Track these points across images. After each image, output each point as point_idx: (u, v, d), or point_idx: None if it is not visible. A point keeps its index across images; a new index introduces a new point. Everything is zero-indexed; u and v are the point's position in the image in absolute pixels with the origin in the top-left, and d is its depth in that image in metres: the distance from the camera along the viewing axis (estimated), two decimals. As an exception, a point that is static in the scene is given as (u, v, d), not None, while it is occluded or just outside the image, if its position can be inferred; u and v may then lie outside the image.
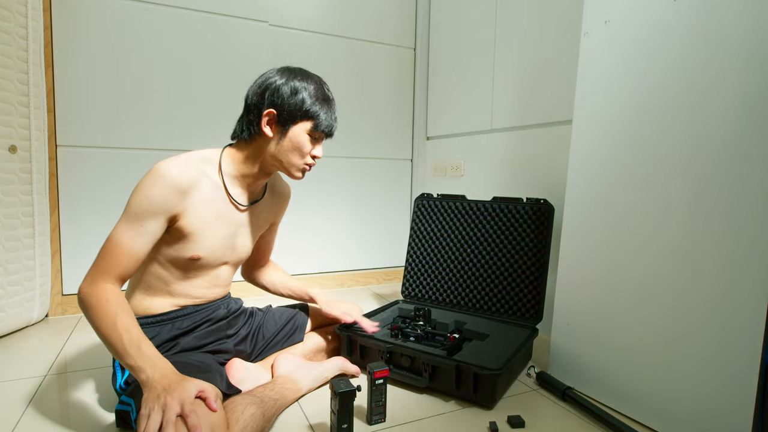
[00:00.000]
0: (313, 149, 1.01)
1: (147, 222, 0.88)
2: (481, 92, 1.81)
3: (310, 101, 0.97)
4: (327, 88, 1.03)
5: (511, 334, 1.27)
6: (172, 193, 0.89)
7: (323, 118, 0.99)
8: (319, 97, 0.99)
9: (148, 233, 0.88)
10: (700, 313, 0.88)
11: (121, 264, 0.87)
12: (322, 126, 0.99)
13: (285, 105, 0.96)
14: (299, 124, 0.98)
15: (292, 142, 0.98)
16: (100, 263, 0.86)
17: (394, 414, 1.01)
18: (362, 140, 2.16)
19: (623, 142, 1.03)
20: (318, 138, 1.01)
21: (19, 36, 1.42)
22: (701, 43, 0.88)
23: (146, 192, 0.87)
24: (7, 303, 1.41)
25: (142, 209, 0.87)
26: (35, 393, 1.08)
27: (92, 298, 0.83)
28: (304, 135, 0.98)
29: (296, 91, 0.97)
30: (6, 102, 1.38)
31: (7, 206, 1.40)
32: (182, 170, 0.90)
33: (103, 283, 0.85)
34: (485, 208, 1.48)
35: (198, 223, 0.95)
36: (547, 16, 1.49)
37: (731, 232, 0.83)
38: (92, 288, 0.84)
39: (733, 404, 0.83)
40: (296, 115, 0.97)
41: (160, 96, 1.72)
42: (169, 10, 1.71)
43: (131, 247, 0.87)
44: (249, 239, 1.10)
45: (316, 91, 0.99)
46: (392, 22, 2.18)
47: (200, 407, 0.74)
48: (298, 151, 0.99)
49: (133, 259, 0.88)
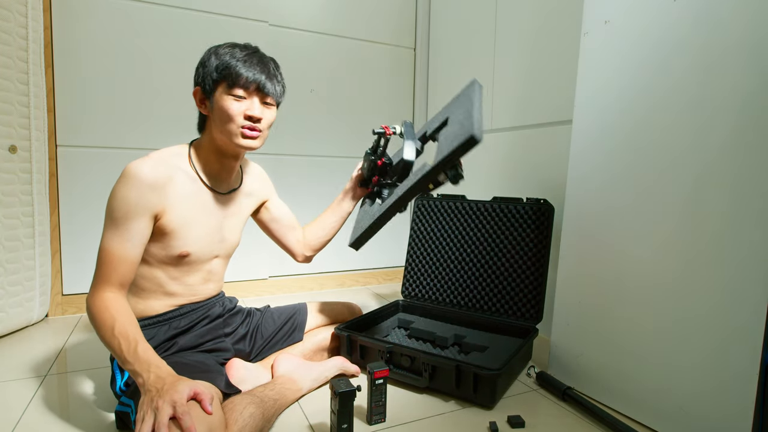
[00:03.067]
0: (245, 110, 0.94)
1: (131, 225, 0.87)
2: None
3: (217, 62, 0.94)
4: (252, 49, 0.97)
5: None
6: (148, 192, 0.88)
7: (237, 72, 0.92)
8: (234, 56, 0.93)
9: (136, 236, 0.88)
10: (700, 313, 0.88)
11: (117, 271, 0.87)
12: (239, 82, 0.92)
13: (202, 77, 0.95)
14: (218, 90, 0.94)
15: (219, 110, 0.94)
16: (97, 274, 0.87)
17: (394, 414, 1.01)
18: (362, 140, 2.16)
19: (623, 141, 1.03)
20: (241, 95, 0.93)
21: (19, 36, 1.42)
22: (701, 42, 0.88)
23: (122, 195, 0.86)
24: (7, 303, 1.41)
25: (122, 213, 0.86)
26: (35, 393, 1.08)
27: (93, 308, 0.85)
28: (223, 97, 0.93)
29: (206, 59, 0.96)
30: (6, 102, 1.38)
31: (7, 206, 1.40)
32: (154, 167, 0.89)
33: (103, 292, 0.86)
34: (485, 208, 1.48)
35: (180, 218, 0.94)
36: (547, 16, 1.49)
37: (731, 231, 0.83)
38: (93, 299, 0.85)
39: (733, 404, 0.82)
40: (211, 80, 0.94)
41: (160, 96, 1.72)
42: (169, 10, 1.71)
43: (123, 253, 0.87)
44: (236, 229, 1.10)
45: (226, 51, 0.94)
46: (392, 22, 2.18)
47: (195, 408, 0.73)
48: (226, 116, 0.93)
49: (127, 264, 0.88)
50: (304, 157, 2.04)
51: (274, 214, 1.22)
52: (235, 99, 0.94)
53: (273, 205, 1.22)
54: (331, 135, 2.09)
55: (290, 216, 1.26)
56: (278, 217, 1.23)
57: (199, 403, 0.75)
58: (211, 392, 0.79)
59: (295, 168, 2.02)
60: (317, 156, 2.07)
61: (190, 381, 0.77)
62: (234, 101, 0.93)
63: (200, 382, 0.80)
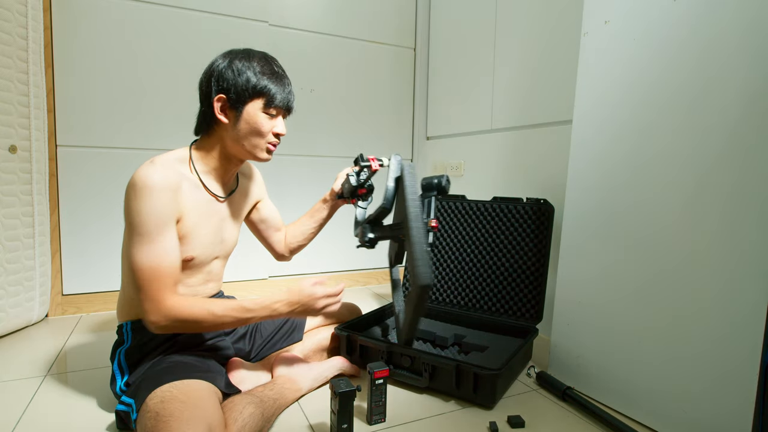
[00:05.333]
0: (273, 127, 0.98)
1: (165, 234, 0.88)
2: (481, 92, 1.81)
3: (255, 78, 0.95)
4: (275, 63, 1.01)
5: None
6: (169, 197, 0.88)
7: (274, 92, 0.96)
8: (265, 72, 0.96)
9: (171, 242, 0.89)
10: (700, 314, 0.88)
11: (169, 279, 0.88)
12: (275, 101, 0.96)
13: (232, 87, 0.95)
14: (251, 104, 0.95)
15: (249, 123, 0.96)
16: (150, 291, 0.85)
17: (394, 414, 1.01)
18: (362, 140, 2.16)
19: (623, 141, 1.03)
20: (274, 114, 0.98)
21: (19, 36, 1.42)
22: (701, 42, 0.88)
23: (147, 209, 0.86)
24: (7, 303, 1.41)
25: (153, 226, 0.86)
26: (35, 393, 1.08)
27: (176, 321, 0.87)
28: (258, 113, 0.96)
29: (240, 70, 0.95)
30: (6, 102, 1.38)
31: (7, 206, 1.40)
32: (164, 174, 0.89)
33: (169, 301, 0.86)
34: (485, 208, 1.48)
35: (190, 224, 0.95)
36: (547, 16, 1.49)
37: (731, 231, 0.83)
38: (165, 313, 0.86)
39: (733, 404, 0.82)
40: (245, 95, 0.95)
41: (160, 96, 1.72)
42: (169, 10, 1.71)
43: (168, 263, 0.87)
44: (235, 229, 1.11)
45: (261, 67, 0.96)
46: (392, 22, 2.18)
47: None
48: (256, 131, 0.96)
49: (174, 269, 0.89)
50: (304, 157, 2.04)
51: (263, 215, 1.23)
52: (268, 117, 0.97)
53: (264, 205, 1.23)
54: (331, 135, 2.09)
55: (278, 216, 1.27)
56: (267, 217, 1.24)
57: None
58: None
59: (295, 168, 2.02)
60: (317, 156, 2.07)
61: (303, 287, 0.97)
62: (267, 119, 0.97)
63: (283, 294, 0.96)
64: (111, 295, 1.71)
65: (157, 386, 0.82)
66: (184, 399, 0.78)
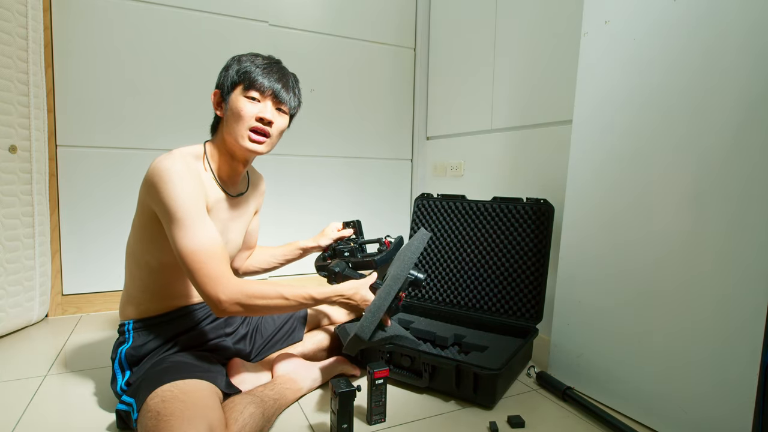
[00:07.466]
0: (257, 112, 0.96)
1: (204, 215, 0.90)
2: (481, 92, 1.81)
3: (238, 66, 0.98)
4: (271, 58, 1.03)
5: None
6: (198, 183, 0.91)
7: (255, 75, 0.96)
8: (249, 60, 0.99)
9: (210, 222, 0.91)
10: (699, 313, 0.88)
11: (226, 255, 0.90)
12: (255, 84, 0.96)
13: (222, 81, 0.99)
14: (234, 92, 0.98)
15: (231, 110, 0.97)
16: (211, 270, 0.86)
17: (394, 414, 1.01)
18: (362, 140, 2.16)
19: (623, 141, 1.03)
20: (256, 98, 0.96)
21: (19, 36, 1.42)
22: (701, 43, 0.88)
23: (183, 191, 0.87)
24: (7, 303, 1.41)
25: (193, 206, 0.87)
26: (35, 393, 1.08)
27: (247, 296, 0.88)
28: (239, 98, 0.96)
29: (229, 65, 1.00)
30: (6, 102, 1.38)
31: (7, 206, 1.40)
32: (185, 163, 0.91)
33: (232, 280, 0.87)
34: (485, 208, 1.48)
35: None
36: (547, 17, 1.49)
37: (731, 231, 0.83)
38: (235, 288, 0.87)
39: (733, 404, 0.83)
40: (229, 85, 0.98)
41: (160, 96, 1.72)
42: (169, 10, 1.71)
43: (219, 240, 0.90)
44: (240, 232, 1.11)
45: (248, 58, 0.99)
46: (392, 22, 2.18)
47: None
48: (236, 115, 0.96)
49: (224, 246, 0.91)
50: (304, 157, 2.04)
51: (249, 228, 1.22)
52: (249, 101, 0.96)
53: (254, 218, 1.24)
54: (331, 135, 2.09)
55: (256, 236, 1.28)
56: (250, 231, 1.24)
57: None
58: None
59: (295, 168, 2.02)
60: (317, 156, 2.07)
61: (357, 284, 1.03)
62: (248, 102, 0.96)
63: (344, 286, 1.01)
64: (111, 295, 1.71)
65: (157, 386, 0.82)
66: (184, 399, 0.78)
